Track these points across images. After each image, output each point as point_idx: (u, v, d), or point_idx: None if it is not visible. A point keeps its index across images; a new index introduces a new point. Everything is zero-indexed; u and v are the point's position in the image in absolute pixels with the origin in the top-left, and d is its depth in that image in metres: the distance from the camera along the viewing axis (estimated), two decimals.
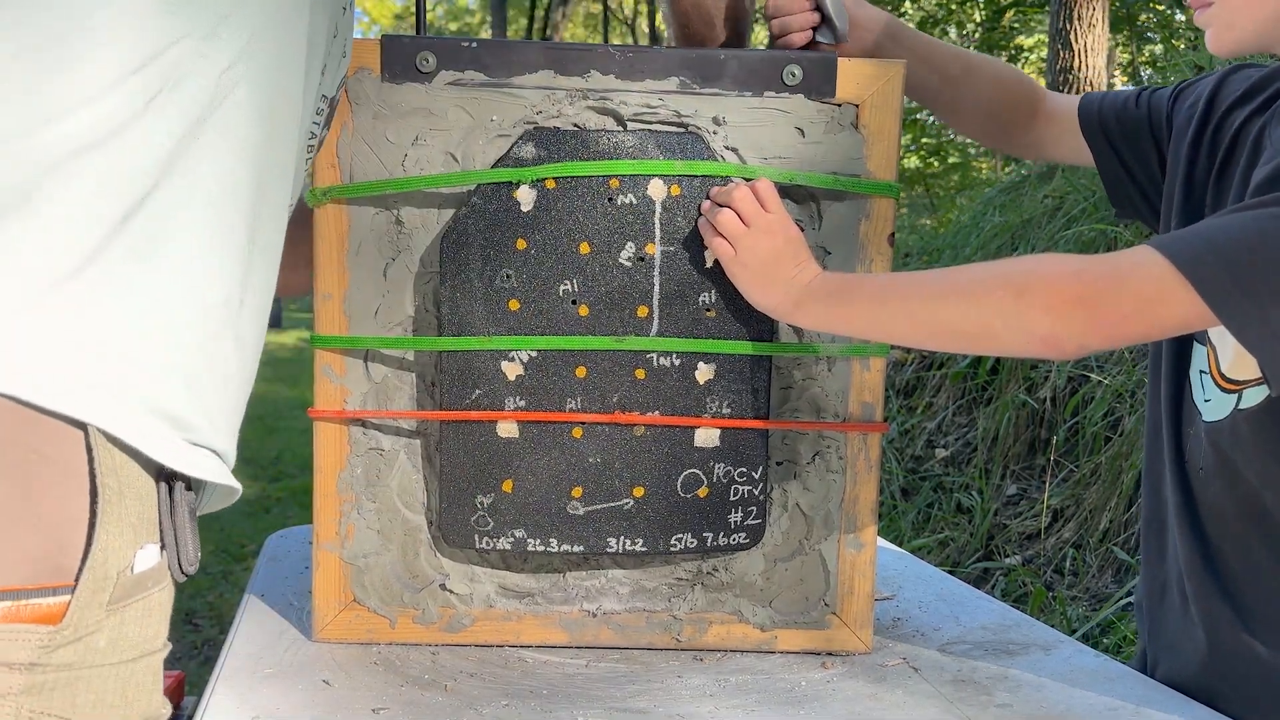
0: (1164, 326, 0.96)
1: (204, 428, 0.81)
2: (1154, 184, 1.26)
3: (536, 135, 1.14)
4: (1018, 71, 1.37)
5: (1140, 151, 1.26)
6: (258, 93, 0.82)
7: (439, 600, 1.20)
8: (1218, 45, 1.08)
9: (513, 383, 1.15)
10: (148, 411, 0.77)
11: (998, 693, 1.12)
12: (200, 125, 0.79)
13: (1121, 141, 1.27)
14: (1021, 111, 1.33)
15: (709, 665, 1.19)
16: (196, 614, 3.84)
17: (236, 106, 0.81)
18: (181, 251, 0.78)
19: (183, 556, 0.81)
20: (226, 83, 0.79)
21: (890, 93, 1.17)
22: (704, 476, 1.18)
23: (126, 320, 0.76)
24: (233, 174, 0.81)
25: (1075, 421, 3.76)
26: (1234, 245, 0.92)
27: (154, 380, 0.77)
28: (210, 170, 0.80)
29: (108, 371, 0.75)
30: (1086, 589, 3.23)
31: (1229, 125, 1.14)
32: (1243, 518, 1.09)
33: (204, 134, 0.79)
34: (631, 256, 1.15)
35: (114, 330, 0.75)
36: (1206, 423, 1.12)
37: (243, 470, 5.43)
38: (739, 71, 1.16)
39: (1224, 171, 1.13)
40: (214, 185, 0.80)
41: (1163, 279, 0.92)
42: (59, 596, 0.73)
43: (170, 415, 0.78)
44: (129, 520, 0.76)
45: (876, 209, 1.19)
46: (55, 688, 0.73)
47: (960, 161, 10.92)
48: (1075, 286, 0.94)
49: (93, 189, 0.74)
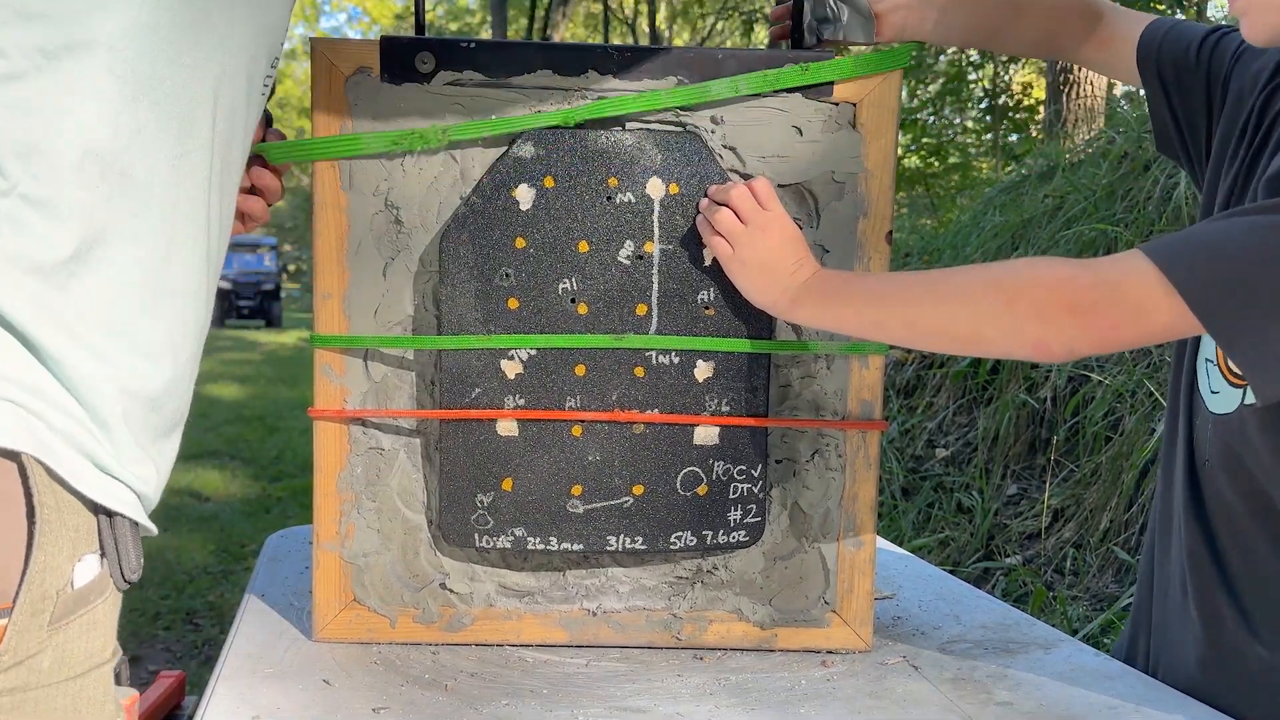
0: (1152, 333, 0.96)
1: (114, 464, 0.80)
2: (1196, 135, 1.23)
3: (536, 134, 1.14)
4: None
5: (1190, 102, 1.22)
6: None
7: (439, 599, 1.20)
8: (1254, 33, 1.05)
9: (512, 381, 1.15)
10: (68, 445, 0.77)
11: (998, 691, 1.12)
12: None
13: (1175, 87, 1.24)
14: (1077, 33, 1.30)
15: (709, 664, 1.19)
16: (197, 614, 3.84)
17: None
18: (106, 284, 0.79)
19: (124, 565, 0.80)
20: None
21: (888, 92, 1.17)
22: (703, 474, 1.18)
23: (47, 358, 0.76)
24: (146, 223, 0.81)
25: (1076, 421, 3.76)
26: (1223, 254, 0.92)
27: (72, 418, 0.77)
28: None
29: (30, 401, 0.75)
30: (1087, 589, 3.23)
31: (1273, 105, 1.11)
32: (1248, 514, 1.09)
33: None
34: (630, 255, 1.15)
35: (33, 367, 0.75)
36: (1214, 414, 1.12)
37: (243, 470, 5.43)
38: (737, 71, 1.16)
39: (1260, 153, 1.11)
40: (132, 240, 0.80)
41: (1151, 287, 0.92)
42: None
43: (87, 451, 0.78)
44: (67, 535, 0.75)
45: (875, 207, 1.19)
46: (1, 712, 0.72)
47: (960, 161, 10.93)
48: (1066, 293, 0.94)
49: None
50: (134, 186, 0.78)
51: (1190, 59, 1.21)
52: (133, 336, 0.80)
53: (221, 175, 0.86)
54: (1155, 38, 1.25)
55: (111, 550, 0.79)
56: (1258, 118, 1.12)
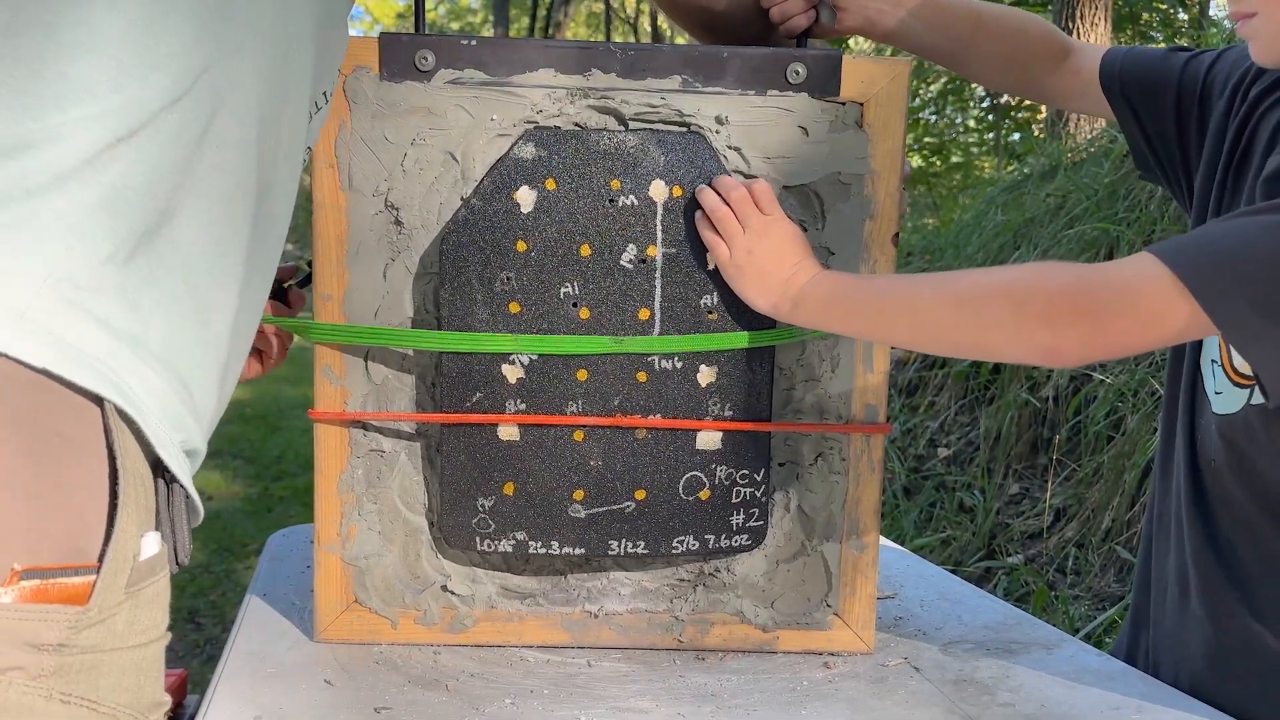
0: (1165, 337, 0.95)
1: (193, 433, 0.81)
2: (1170, 152, 1.23)
3: (537, 135, 1.13)
4: (1040, 22, 1.32)
5: (1160, 118, 1.23)
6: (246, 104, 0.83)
7: (440, 601, 1.20)
8: (1265, 56, 1.05)
9: (513, 386, 1.15)
10: (153, 400, 0.77)
11: (1000, 692, 1.11)
12: (201, 140, 0.79)
13: (1142, 105, 1.24)
14: (1039, 64, 1.29)
15: (711, 665, 1.19)
16: (199, 613, 3.84)
17: (231, 115, 0.81)
18: (191, 261, 0.80)
19: (179, 547, 0.81)
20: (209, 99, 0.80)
21: (895, 91, 1.17)
22: (706, 479, 1.18)
23: (144, 315, 0.77)
24: (236, 187, 0.82)
25: (1078, 421, 3.76)
26: (1236, 255, 0.91)
27: (159, 376, 0.78)
28: (214, 186, 0.80)
29: (122, 353, 0.75)
30: (1089, 588, 3.23)
31: (1258, 109, 1.12)
32: (1257, 510, 1.08)
33: (205, 150, 0.79)
34: (633, 259, 1.15)
35: (131, 321, 0.76)
36: (1217, 415, 1.11)
37: (245, 469, 5.42)
38: (742, 70, 1.15)
39: (1245, 157, 1.11)
40: (218, 199, 0.81)
41: (1163, 289, 0.91)
42: (83, 576, 0.72)
43: (170, 414, 0.78)
44: (139, 505, 0.76)
45: (881, 209, 1.18)
46: (81, 670, 0.72)
47: (963, 160, 10.92)
48: (1075, 298, 0.93)
49: (124, 183, 0.75)
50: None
51: (1155, 70, 1.23)
52: (203, 312, 0.81)
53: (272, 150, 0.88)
54: (1115, 61, 1.26)
55: (168, 530, 0.80)
56: (1239, 125, 1.12)
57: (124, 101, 0.75)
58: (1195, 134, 1.20)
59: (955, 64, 1.33)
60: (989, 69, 1.32)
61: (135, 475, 0.76)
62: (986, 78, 1.35)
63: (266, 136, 0.85)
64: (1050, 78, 1.30)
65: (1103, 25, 6.73)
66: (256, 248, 0.86)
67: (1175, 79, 1.21)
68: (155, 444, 0.76)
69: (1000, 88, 1.37)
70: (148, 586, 0.77)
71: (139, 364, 0.76)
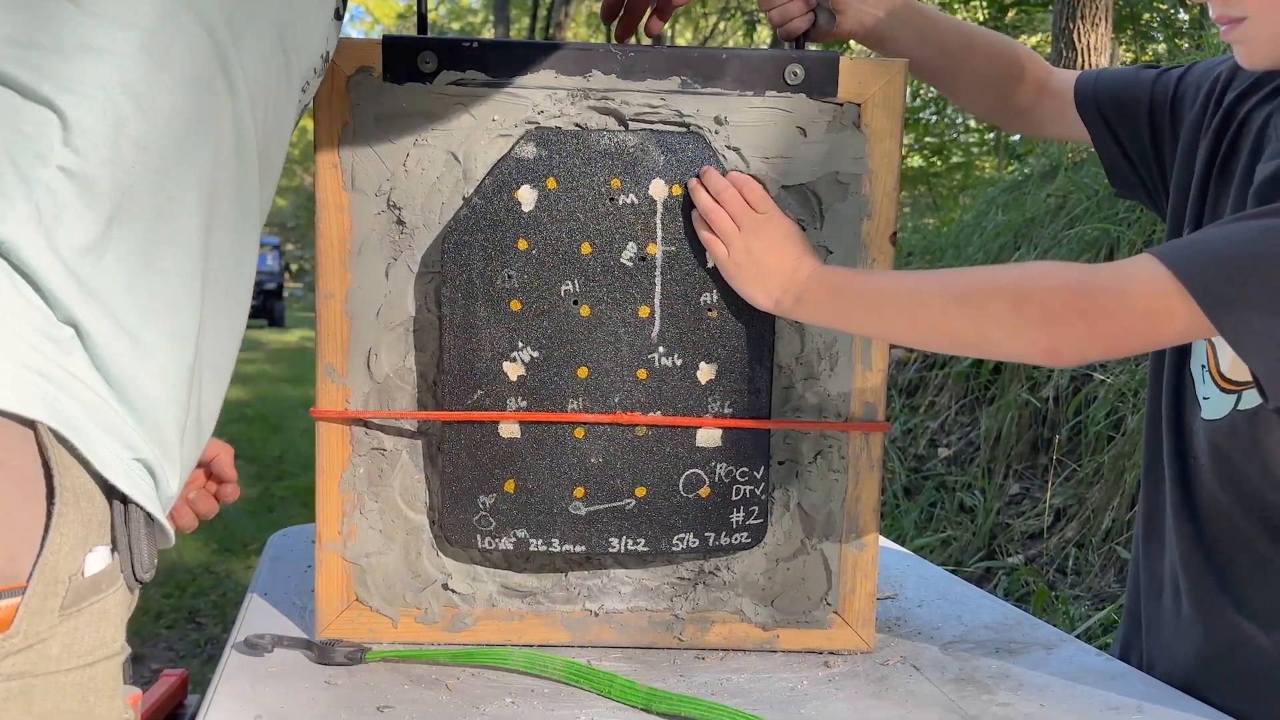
0: (1164, 337, 0.96)
1: (141, 447, 0.78)
2: (1148, 166, 1.25)
3: (538, 135, 1.14)
4: (1020, 47, 1.35)
5: (1136, 132, 1.25)
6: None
7: (441, 600, 1.20)
8: (1255, 59, 1.05)
9: (514, 383, 1.15)
10: (92, 421, 0.74)
11: (1000, 692, 1.12)
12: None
13: (1118, 122, 1.26)
14: (1022, 88, 1.32)
15: (711, 664, 1.19)
16: (200, 612, 3.84)
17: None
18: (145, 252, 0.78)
19: (136, 563, 0.78)
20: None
21: (893, 92, 1.17)
22: (706, 476, 1.18)
23: (85, 322, 0.75)
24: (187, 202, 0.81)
25: (1078, 421, 3.76)
26: (1235, 256, 0.92)
27: (97, 394, 0.75)
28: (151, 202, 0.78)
29: (55, 373, 0.73)
30: (1089, 588, 3.23)
31: (1237, 113, 1.13)
32: (1244, 513, 1.09)
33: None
34: (633, 256, 1.15)
35: (58, 335, 0.74)
36: (1204, 420, 1.12)
37: (246, 469, 5.43)
38: (741, 71, 1.16)
39: (1228, 162, 1.12)
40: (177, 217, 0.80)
41: (1163, 290, 0.91)
42: (6, 600, 0.69)
43: (113, 429, 0.76)
44: (81, 520, 0.73)
45: (879, 208, 1.19)
46: (9, 697, 0.70)
47: (963, 161, 10.92)
48: (1075, 298, 0.94)
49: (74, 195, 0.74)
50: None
51: (1129, 87, 1.25)
52: (166, 319, 0.79)
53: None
54: (1088, 82, 1.29)
55: (124, 545, 0.77)
56: (1217, 130, 1.13)
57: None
58: (1170, 144, 1.22)
59: (943, 80, 1.35)
60: (975, 87, 1.34)
61: (78, 492, 0.73)
62: (971, 97, 1.37)
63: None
64: (1030, 100, 1.33)
65: (1103, 25, 6.73)
66: (221, 243, 0.83)
67: (1147, 93, 1.24)
68: (95, 462, 0.73)
69: (981, 109, 1.39)
70: (91, 605, 0.74)
71: (72, 380, 0.74)
